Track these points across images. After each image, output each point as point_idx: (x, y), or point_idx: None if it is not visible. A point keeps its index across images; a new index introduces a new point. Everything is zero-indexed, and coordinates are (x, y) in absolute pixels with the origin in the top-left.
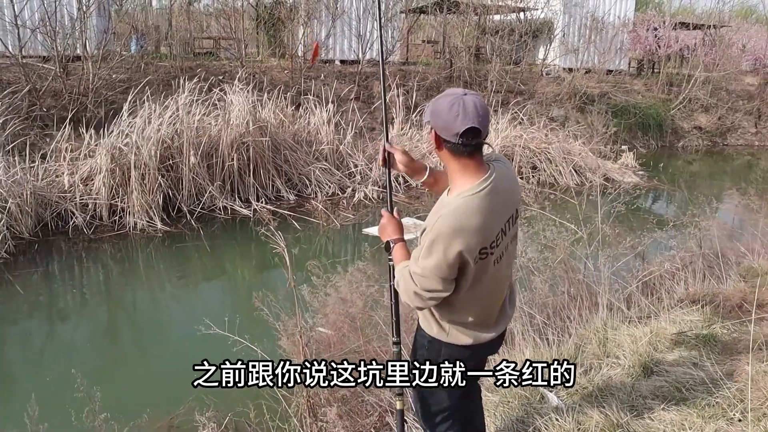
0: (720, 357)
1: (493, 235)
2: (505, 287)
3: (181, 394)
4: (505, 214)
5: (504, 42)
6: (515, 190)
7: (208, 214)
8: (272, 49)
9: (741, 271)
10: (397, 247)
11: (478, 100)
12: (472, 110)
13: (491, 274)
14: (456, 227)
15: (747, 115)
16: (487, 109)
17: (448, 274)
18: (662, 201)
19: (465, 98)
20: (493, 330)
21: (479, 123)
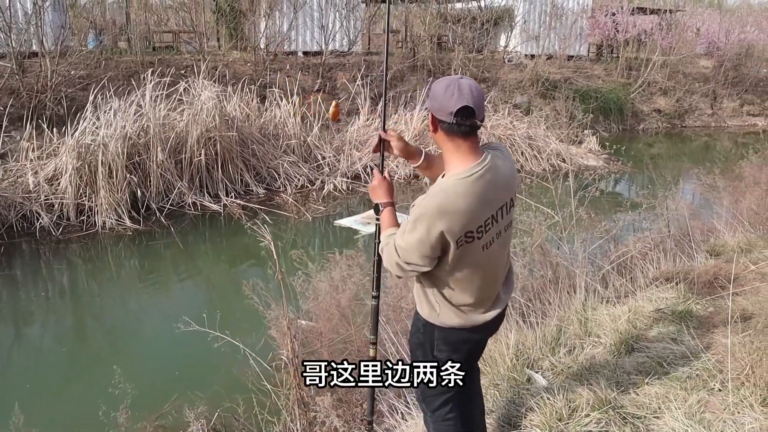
0: (697, 331)
1: (480, 221)
2: (500, 273)
3: (164, 392)
4: (497, 201)
5: (466, 30)
6: (511, 179)
7: (177, 211)
8: (234, 42)
9: (709, 248)
10: (386, 211)
11: (473, 83)
12: (467, 91)
13: (481, 258)
14: (441, 207)
15: (703, 97)
16: (482, 92)
17: (429, 252)
18: (627, 183)
19: (460, 81)
20: (485, 314)
21: (473, 103)
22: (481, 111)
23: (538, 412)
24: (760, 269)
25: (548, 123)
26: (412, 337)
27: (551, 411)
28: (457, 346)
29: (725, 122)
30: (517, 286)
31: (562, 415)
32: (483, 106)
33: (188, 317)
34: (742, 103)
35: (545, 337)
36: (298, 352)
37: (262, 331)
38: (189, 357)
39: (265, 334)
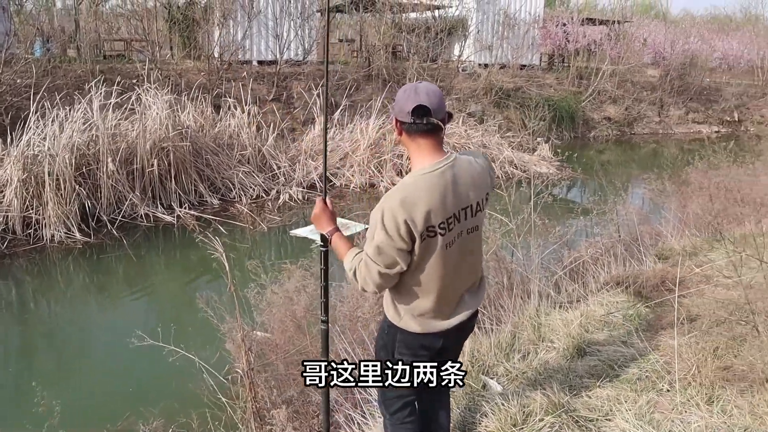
0: (646, 334)
1: (441, 217)
2: (464, 276)
3: (117, 410)
4: (461, 201)
5: (420, 40)
6: (479, 183)
7: (129, 223)
8: (187, 51)
9: (657, 252)
10: (334, 238)
11: (430, 86)
12: (422, 92)
13: (443, 257)
14: (402, 200)
15: (651, 105)
16: (438, 94)
17: (402, 245)
18: (579, 189)
19: (418, 84)
20: (448, 320)
21: (428, 102)
22: (440, 111)
23: (493, 418)
24: (704, 272)
25: (502, 131)
26: (378, 337)
27: (506, 417)
28: (416, 351)
29: (672, 129)
30: None
31: (517, 421)
32: (441, 107)
33: (142, 332)
34: (687, 111)
35: (500, 343)
36: (254, 364)
37: (218, 344)
38: (143, 373)
39: (220, 347)
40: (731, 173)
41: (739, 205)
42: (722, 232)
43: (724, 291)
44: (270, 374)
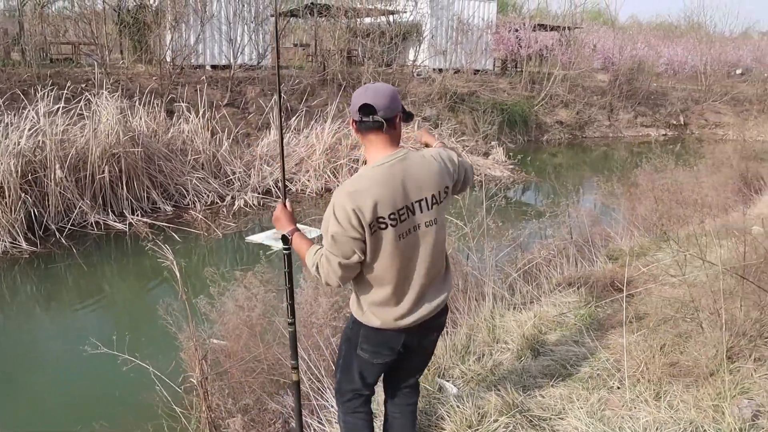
0: (597, 333)
1: (391, 207)
2: (424, 271)
3: (68, 423)
4: (413, 193)
5: (375, 44)
6: (434, 177)
7: (79, 231)
8: (138, 55)
9: (608, 253)
10: (295, 237)
11: (382, 85)
12: (371, 91)
13: (396, 249)
14: (351, 191)
15: (601, 110)
16: (388, 93)
17: (356, 234)
18: (532, 192)
19: (371, 85)
20: (408, 317)
21: (373, 100)
22: (388, 110)
23: (449, 420)
24: (651, 271)
25: (456, 135)
26: (344, 330)
27: (461, 418)
28: (378, 348)
29: (621, 133)
30: None
31: (472, 422)
32: (389, 106)
33: (95, 342)
34: (636, 114)
35: (455, 345)
36: (208, 373)
37: (174, 354)
38: (95, 384)
39: (176, 356)
40: (675, 175)
41: (682, 207)
42: (667, 232)
43: (670, 290)
44: (225, 382)
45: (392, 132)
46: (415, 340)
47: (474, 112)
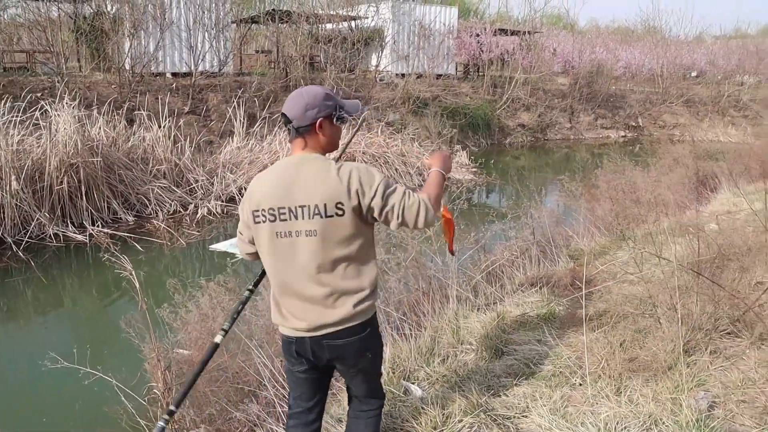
0: (559, 331)
1: (267, 203)
2: (300, 283)
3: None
4: (298, 198)
5: (337, 50)
6: (322, 189)
7: (37, 244)
8: (96, 63)
9: (569, 253)
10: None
11: (300, 94)
12: (289, 100)
13: (273, 246)
14: (255, 178)
15: (562, 112)
16: (303, 102)
17: (243, 215)
18: (496, 195)
19: (296, 91)
20: (283, 324)
21: (287, 109)
22: (303, 118)
23: (414, 423)
24: (610, 269)
25: (420, 140)
26: None
27: (426, 420)
28: (284, 352)
29: (582, 135)
30: (391, 300)
31: (437, 423)
32: (305, 114)
33: (55, 355)
34: (596, 117)
35: (420, 348)
36: (171, 383)
37: (137, 365)
38: (56, 400)
39: (140, 368)
40: (633, 176)
41: (638, 206)
42: (624, 231)
43: (629, 287)
44: (191, 393)
45: (310, 137)
46: (309, 352)
47: (436, 116)
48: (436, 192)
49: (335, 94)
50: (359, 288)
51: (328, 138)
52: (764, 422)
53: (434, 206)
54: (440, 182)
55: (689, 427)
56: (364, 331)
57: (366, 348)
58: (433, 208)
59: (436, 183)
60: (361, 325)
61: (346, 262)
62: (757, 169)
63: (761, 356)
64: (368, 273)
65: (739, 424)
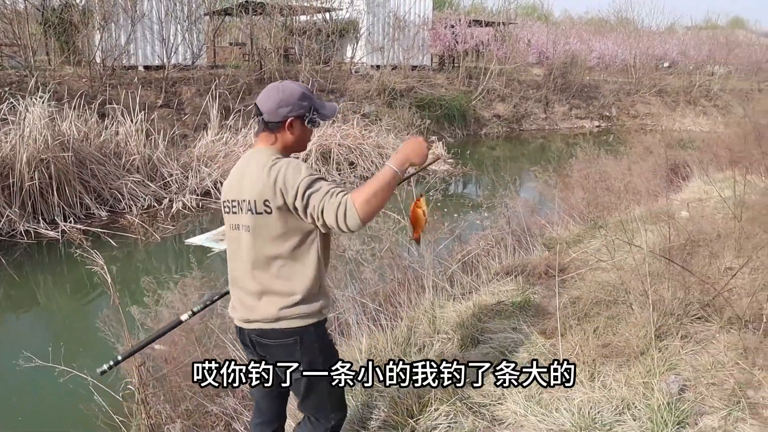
0: (534, 319)
1: (227, 195)
2: (242, 276)
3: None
4: (243, 192)
5: (312, 42)
6: (256, 185)
7: (7, 241)
8: (66, 56)
9: (544, 242)
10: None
11: (275, 87)
12: (264, 91)
13: (228, 237)
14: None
15: (537, 103)
16: (273, 90)
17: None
18: (472, 185)
19: (275, 84)
20: (234, 310)
21: (260, 101)
22: (264, 106)
23: (390, 412)
24: (584, 257)
25: (396, 131)
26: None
27: (402, 409)
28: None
29: (557, 125)
30: (366, 291)
31: (413, 412)
32: (266, 101)
33: (30, 353)
34: (570, 107)
35: (396, 338)
36: (145, 379)
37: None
38: (31, 398)
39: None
40: (605, 165)
41: (609, 195)
42: (596, 219)
43: (603, 274)
44: (165, 388)
45: (279, 133)
46: (248, 343)
47: (411, 107)
48: (370, 191)
49: (313, 94)
50: (289, 292)
51: (295, 138)
52: (732, 403)
53: (362, 207)
54: (384, 180)
55: (660, 411)
56: (290, 339)
57: (293, 359)
58: (359, 209)
59: (376, 181)
60: (287, 332)
61: (280, 261)
62: (726, 157)
63: (730, 340)
64: (303, 277)
65: (709, 406)
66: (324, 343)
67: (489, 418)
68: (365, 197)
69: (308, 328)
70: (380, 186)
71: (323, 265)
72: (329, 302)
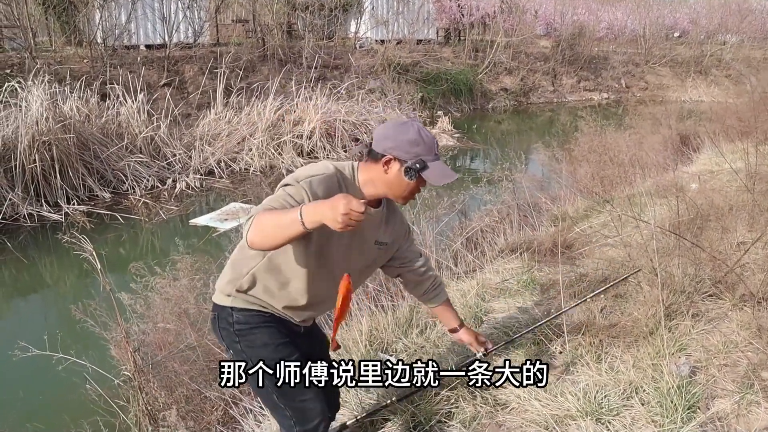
0: (539, 298)
1: None
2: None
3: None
4: None
5: (315, 17)
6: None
7: (11, 225)
8: (67, 37)
9: (551, 218)
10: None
11: (408, 121)
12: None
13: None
14: None
15: (545, 75)
16: (394, 122)
17: None
18: (479, 160)
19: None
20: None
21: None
22: (378, 142)
23: (389, 397)
24: (591, 233)
25: (401, 106)
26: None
27: (402, 392)
28: None
29: (565, 98)
30: None
31: (413, 398)
32: (382, 135)
33: (33, 339)
34: (579, 79)
35: (398, 319)
36: (141, 364)
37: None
38: (29, 385)
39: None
40: (615, 138)
41: (619, 168)
42: (600, 194)
43: (610, 251)
44: (162, 373)
45: (373, 167)
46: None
47: (417, 82)
48: (269, 221)
49: (431, 148)
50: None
51: (390, 180)
52: (746, 386)
53: (253, 229)
54: (286, 220)
55: (670, 394)
56: (213, 312)
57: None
58: (251, 229)
59: (279, 217)
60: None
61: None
62: (737, 128)
63: (743, 318)
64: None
65: (721, 389)
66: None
67: (491, 403)
68: (263, 222)
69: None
70: (278, 222)
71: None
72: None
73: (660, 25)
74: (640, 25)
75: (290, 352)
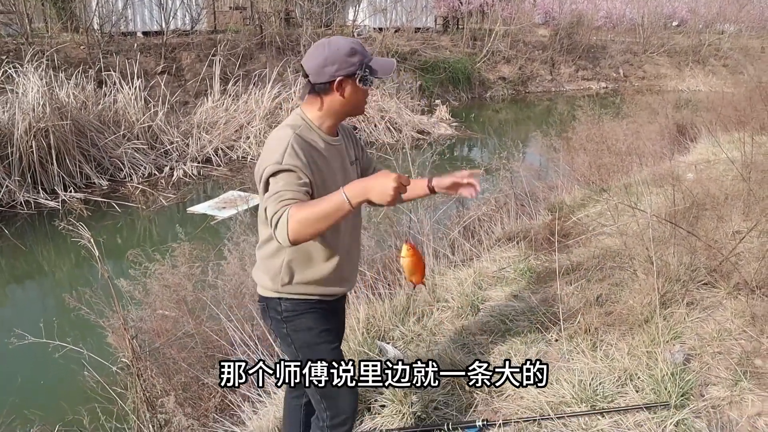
0: (535, 286)
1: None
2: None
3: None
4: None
5: (313, 4)
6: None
7: (8, 212)
8: (63, 23)
9: (548, 207)
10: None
11: (329, 39)
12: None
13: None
14: None
15: (543, 64)
16: (319, 47)
17: None
18: (476, 149)
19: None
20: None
21: (304, 58)
22: (319, 73)
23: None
24: (587, 222)
25: (399, 95)
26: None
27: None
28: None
29: (563, 87)
30: (364, 259)
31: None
32: (320, 64)
33: (27, 326)
34: (577, 68)
35: (395, 307)
36: (139, 352)
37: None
38: (26, 373)
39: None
40: (612, 127)
41: (615, 157)
42: (597, 183)
43: (606, 239)
44: (161, 361)
45: (327, 96)
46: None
47: (416, 71)
48: (311, 213)
49: (364, 49)
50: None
51: (347, 100)
52: (739, 373)
53: (294, 226)
54: (329, 207)
55: (664, 381)
56: (262, 303)
57: (270, 323)
58: (291, 227)
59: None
60: (259, 295)
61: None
62: (734, 118)
63: (737, 306)
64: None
65: (715, 376)
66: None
67: (487, 390)
68: (303, 217)
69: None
70: (323, 212)
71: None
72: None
73: (658, 14)
74: (639, 14)
75: (332, 339)
